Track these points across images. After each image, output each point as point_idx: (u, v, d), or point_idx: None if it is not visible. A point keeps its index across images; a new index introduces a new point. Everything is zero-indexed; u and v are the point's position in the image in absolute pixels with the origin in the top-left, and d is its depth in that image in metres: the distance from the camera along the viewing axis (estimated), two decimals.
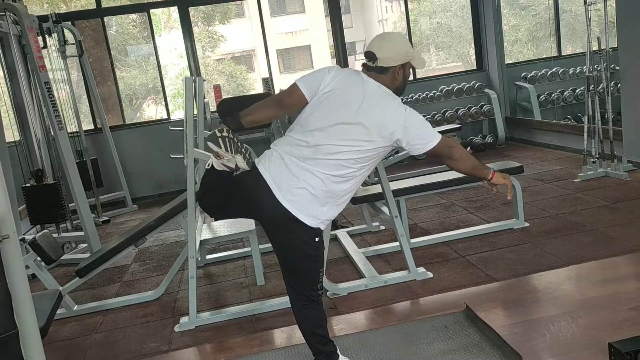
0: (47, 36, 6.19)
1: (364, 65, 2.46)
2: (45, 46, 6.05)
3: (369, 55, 2.40)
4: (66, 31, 6.61)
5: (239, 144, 2.27)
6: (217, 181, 2.37)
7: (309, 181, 2.31)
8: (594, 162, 5.72)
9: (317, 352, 2.57)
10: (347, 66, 8.29)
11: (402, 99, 2.48)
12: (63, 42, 6.53)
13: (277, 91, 7.30)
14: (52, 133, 5.32)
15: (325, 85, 2.38)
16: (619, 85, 6.02)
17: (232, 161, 2.26)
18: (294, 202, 2.31)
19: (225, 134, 2.24)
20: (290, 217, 2.32)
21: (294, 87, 2.42)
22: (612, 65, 6.59)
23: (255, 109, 2.46)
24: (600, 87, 5.78)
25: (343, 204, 2.46)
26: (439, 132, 2.46)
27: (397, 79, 2.42)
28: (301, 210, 2.32)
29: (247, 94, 11.00)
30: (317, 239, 2.41)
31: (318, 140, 2.33)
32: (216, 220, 4.16)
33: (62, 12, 7.92)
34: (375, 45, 2.41)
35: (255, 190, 2.36)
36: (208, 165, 2.31)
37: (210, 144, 2.23)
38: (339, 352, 2.61)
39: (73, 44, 6.69)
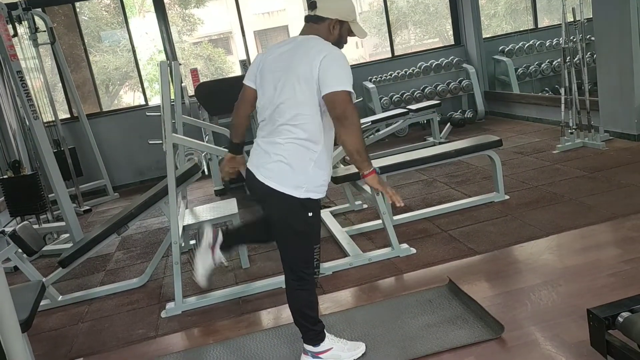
0: (17, 24, 6.06)
1: (305, 16, 2.46)
2: (15, 34, 5.92)
3: (311, 5, 2.41)
4: (37, 18, 6.47)
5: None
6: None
7: (279, 152, 2.34)
8: (571, 133, 5.78)
9: (306, 330, 2.59)
10: None
11: (380, 76, 2.50)
12: (34, 30, 6.39)
13: None
14: (28, 123, 5.23)
15: (258, 68, 2.47)
16: (595, 55, 6.07)
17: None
18: (271, 177, 2.35)
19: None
20: (271, 193, 2.35)
21: (243, 86, 2.55)
22: (588, 36, 6.64)
23: (232, 124, 2.68)
24: (576, 59, 5.82)
25: (326, 163, 2.41)
26: (416, 109, 2.47)
27: (332, 33, 2.39)
28: (281, 182, 2.33)
29: (226, 77, 10.88)
30: (310, 214, 2.39)
31: (269, 112, 2.39)
32: None
33: None
34: None
35: (247, 182, 2.49)
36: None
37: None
38: (325, 330, 2.63)
39: (44, 31, 6.55)
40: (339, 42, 2.43)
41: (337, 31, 2.40)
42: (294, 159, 2.33)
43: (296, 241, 2.45)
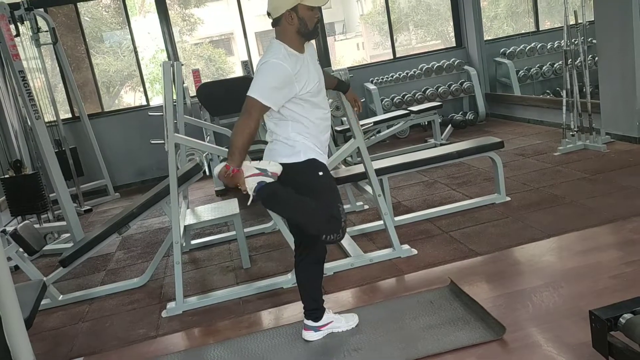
0: (19, 24, 6.07)
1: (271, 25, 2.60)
2: (17, 34, 5.93)
3: (268, 15, 2.54)
4: (39, 18, 6.47)
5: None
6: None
7: (274, 138, 2.63)
8: (573, 135, 5.78)
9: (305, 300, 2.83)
10: (327, 47, 8.26)
11: (382, 78, 2.60)
12: (36, 30, 6.40)
13: None
14: (29, 123, 5.24)
15: None
16: (596, 58, 6.07)
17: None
18: (276, 155, 2.60)
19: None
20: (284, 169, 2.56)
21: None
22: (589, 39, 6.64)
23: None
24: (577, 61, 5.82)
25: (306, 140, 2.58)
26: (417, 110, 2.52)
27: (292, 23, 2.47)
28: (284, 155, 2.57)
29: (227, 77, 10.89)
30: (320, 173, 2.59)
31: None
32: None
33: None
34: (267, 3, 2.53)
35: None
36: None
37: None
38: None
39: (46, 31, 6.55)
40: (305, 26, 2.49)
41: (295, 19, 2.47)
42: (283, 140, 2.58)
43: (321, 198, 2.58)
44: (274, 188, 2.48)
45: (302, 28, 2.49)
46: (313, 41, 2.69)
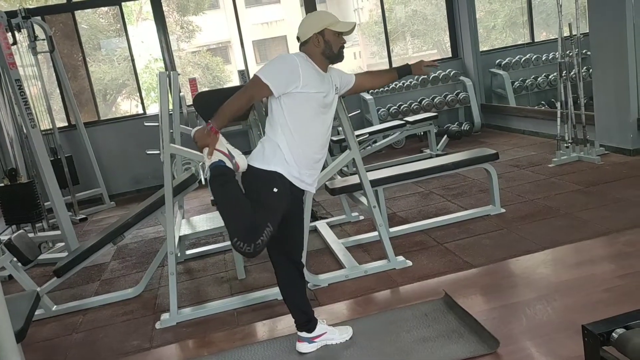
0: (16, 32, 6.08)
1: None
2: (15, 42, 5.93)
3: (297, 39, 2.72)
4: (36, 27, 6.48)
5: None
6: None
7: (262, 139, 2.73)
8: (567, 147, 5.81)
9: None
10: None
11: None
12: (33, 38, 6.41)
13: None
14: (25, 131, 5.23)
15: None
16: (591, 70, 6.10)
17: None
18: (250, 158, 2.64)
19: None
20: (248, 170, 2.61)
21: None
22: (584, 51, 6.69)
23: None
24: (572, 73, 5.86)
25: (293, 150, 2.59)
26: (413, 121, 2.53)
27: (318, 45, 2.64)
28: (255, 159, 2.62)
29: (224, 86, 10.90)
30: (275, 189, 2.55)
31: None
32: None
33: (31, 7, 7.76)
34: (298, 28, 2.70)
35: None
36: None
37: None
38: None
39: (43, 39, 6.57)
40: (330, 49, 2.64)
41: (322, 42, 2.63)
42: (266, 142, 2.64)
43: (261, 210, 2.52)
44: (227, 172, 2.50)
45: (326, 50, 2.63)
46: (337, 66, 2.81)
